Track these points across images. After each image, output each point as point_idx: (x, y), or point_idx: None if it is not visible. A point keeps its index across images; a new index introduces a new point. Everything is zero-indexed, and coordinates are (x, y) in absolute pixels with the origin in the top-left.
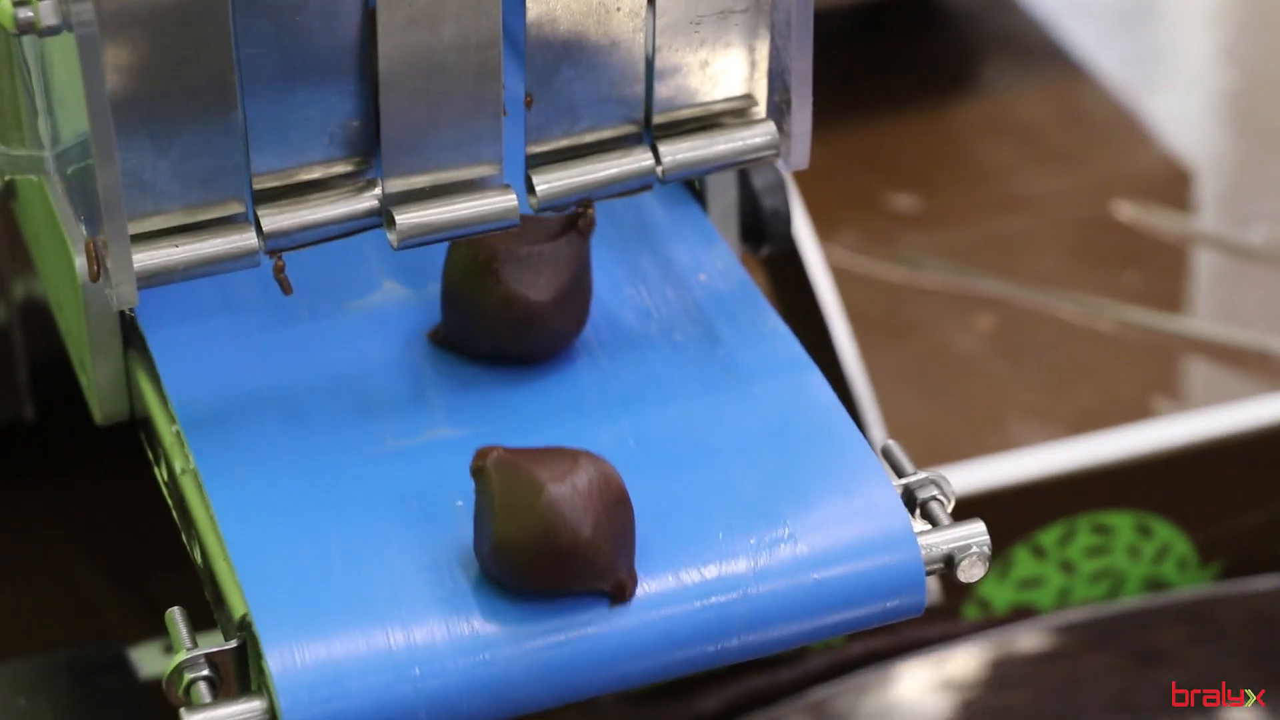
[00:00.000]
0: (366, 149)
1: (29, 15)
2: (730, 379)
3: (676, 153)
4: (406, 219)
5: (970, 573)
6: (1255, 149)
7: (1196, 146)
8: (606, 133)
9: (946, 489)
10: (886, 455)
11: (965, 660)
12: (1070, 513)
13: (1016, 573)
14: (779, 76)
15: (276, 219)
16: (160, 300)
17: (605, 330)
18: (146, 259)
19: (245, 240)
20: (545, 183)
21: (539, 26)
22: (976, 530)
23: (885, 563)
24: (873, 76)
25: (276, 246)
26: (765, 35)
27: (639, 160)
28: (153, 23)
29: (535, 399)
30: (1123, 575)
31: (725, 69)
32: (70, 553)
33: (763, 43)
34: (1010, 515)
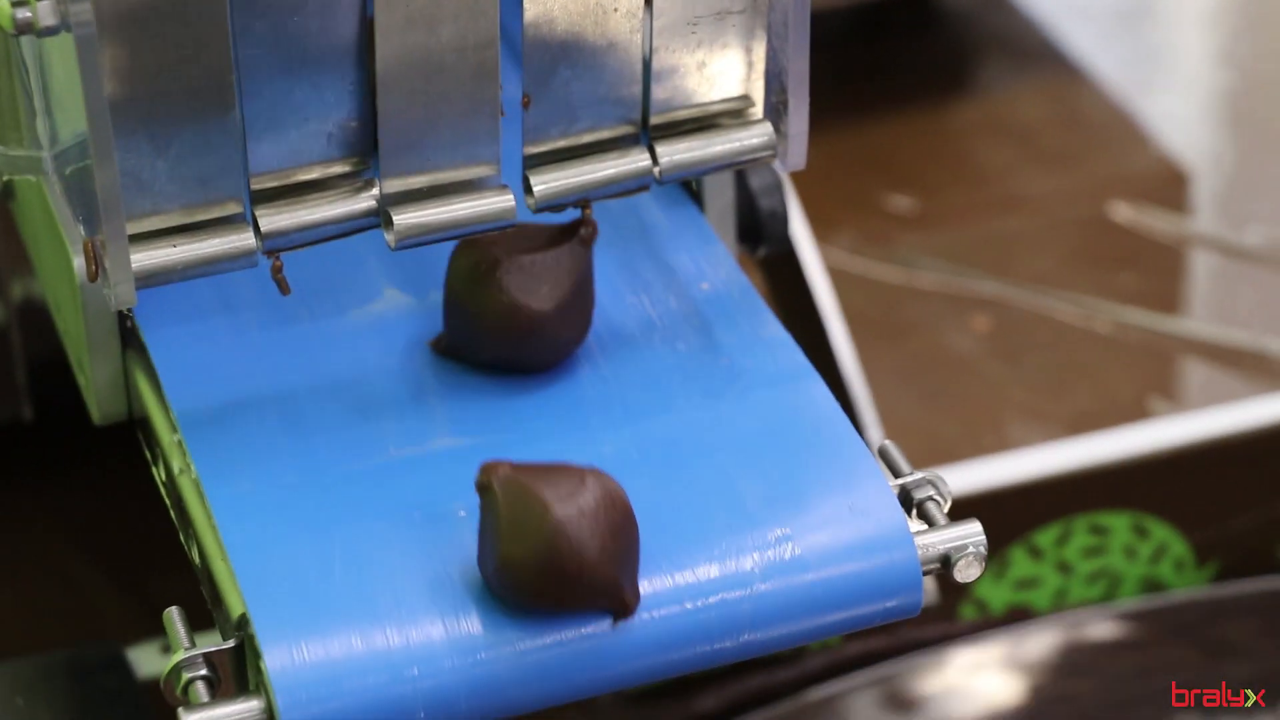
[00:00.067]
0: (364, 149)
1: (27, 16)
2: (732, 387)
3: (674, 153)
4: (404, 219)
5: (966, 573)
6: (1252, 150)
7: (1193, 148)
8: (604, 133)
9: (943, 489)
10: (883, 455)
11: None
12: (1067, 513)
13: (1013, 573)
14: (776, 77)
15: (274, 219)
16: (158, 300)
17: (607, 338)
18: (144, 259)
19: (243, 240)
20: (543, 183)
21: (536, 27)
22: (973, 530)
23: (882, 563)
24: (870, 77)
25: (274, 247)
26: (762, 36)
27: (636, 161)
28: (151, 23)
29: (538, 408)
30: (1119, 576)
31: (722, 70)
32: (69, 553)
33: (760, 43)
34: (1007, 515)
